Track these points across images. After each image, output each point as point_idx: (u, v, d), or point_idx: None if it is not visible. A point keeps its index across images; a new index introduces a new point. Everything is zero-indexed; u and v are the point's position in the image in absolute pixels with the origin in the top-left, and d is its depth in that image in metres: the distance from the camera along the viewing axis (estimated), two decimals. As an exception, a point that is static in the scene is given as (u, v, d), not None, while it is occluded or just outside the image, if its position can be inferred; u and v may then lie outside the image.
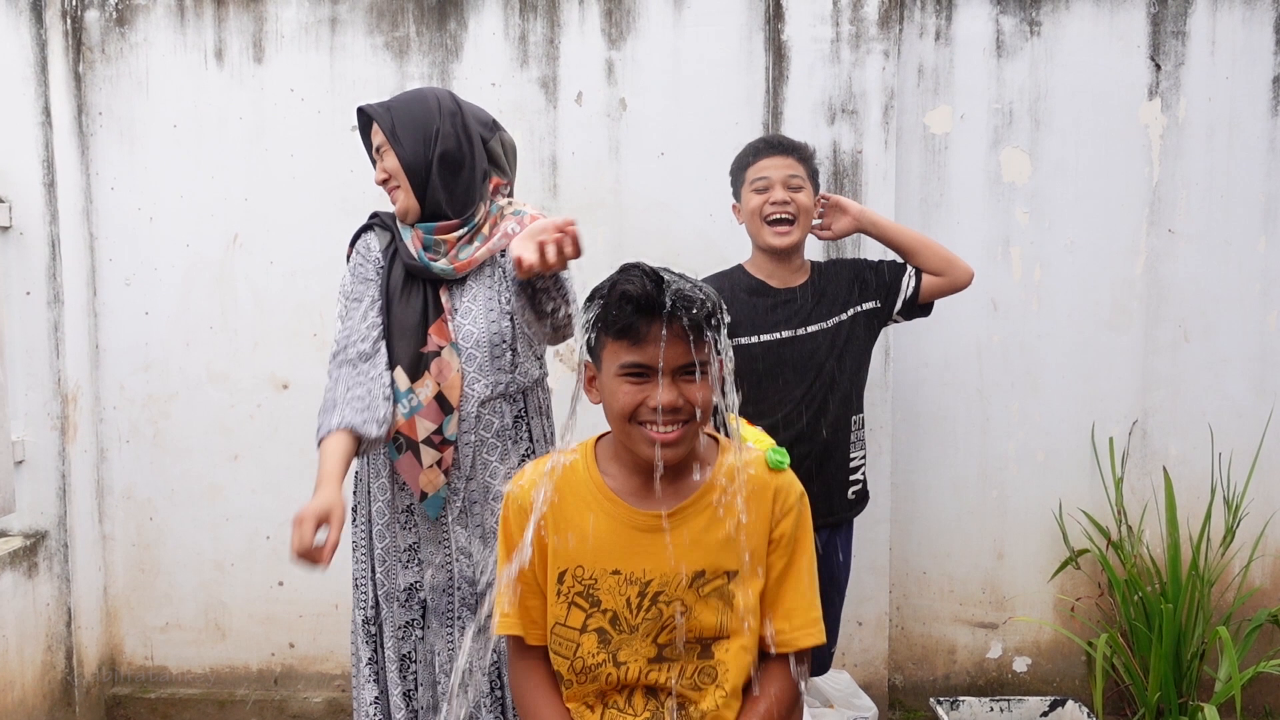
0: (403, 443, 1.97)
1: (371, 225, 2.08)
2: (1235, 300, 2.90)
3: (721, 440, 1.58)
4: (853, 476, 2.39)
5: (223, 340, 3.00)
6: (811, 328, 2.32)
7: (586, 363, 1.51)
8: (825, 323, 2.33)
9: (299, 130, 2.93)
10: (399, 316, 1.98)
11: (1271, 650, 2.76)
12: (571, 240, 1.64)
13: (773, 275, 2.35)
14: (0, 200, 2.80)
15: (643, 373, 1.43)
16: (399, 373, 1.97)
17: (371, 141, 2.02)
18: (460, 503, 2.00)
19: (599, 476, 1.54)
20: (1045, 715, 2.76)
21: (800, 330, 2.31)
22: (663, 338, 1.40)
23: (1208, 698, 2.55)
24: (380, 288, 2.00)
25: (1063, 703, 2.76)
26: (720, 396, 1.46)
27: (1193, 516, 2.84)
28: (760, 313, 2.31)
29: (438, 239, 1.96)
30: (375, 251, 2.04)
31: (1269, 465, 2.89)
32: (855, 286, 2.37)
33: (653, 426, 1.44)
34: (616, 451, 1.55)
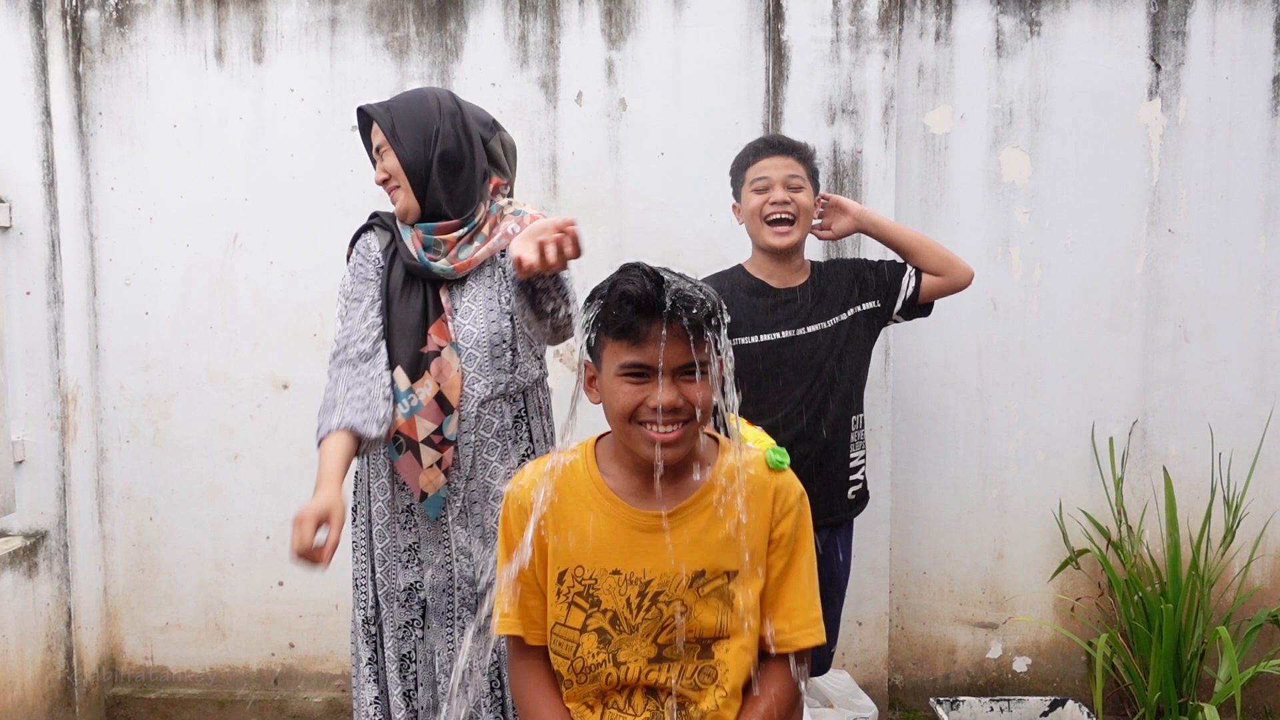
0: (403, 443, 1.96)
1: (371, 225, 2.08)
2: (1235, 300, 2.90)
3: (721, 440, 1.58)
4: (852, 476, 2.39)
5: (223, 340, 3.00)
6: (811, 328, 2.32)
7: (586, 363, 1.51)
8: (825, 323, 2.33)
9: (299, 130, 2.93)
10: (399, 316, 1.98)
11: (1271, 650, 2.76)
12: (571, 240, 1.65)
13: (773, 275, 2.35)
14: (0, 200, 2.80)
15: (643, 373, 1.43)
16: (399, 373, 1.96)
17: (372, 141, 2.02)
18: (460, 502, 2.00)
19: (599, 476, 1.54)
20: (1045, 715, 2.76)
21: (800, 330, 2.31)
22: (663, 338, 1.40)
23: (1208, 698, 2.55)
24: (380, 288, 2.00)
25: (1063, 703, 2.76)
26: (720, 396, 1.46)
27: (1193, 516, 2.84)
28: (760, 313, 2.31)
29: (438, 239, 1.96)
30: (375, 251, 2.04)
31: (1269, 465, 2.89)
32: (855, 287, 2.37)
33: (653, 426, 1.44)
34: (616, 451, 1.55)
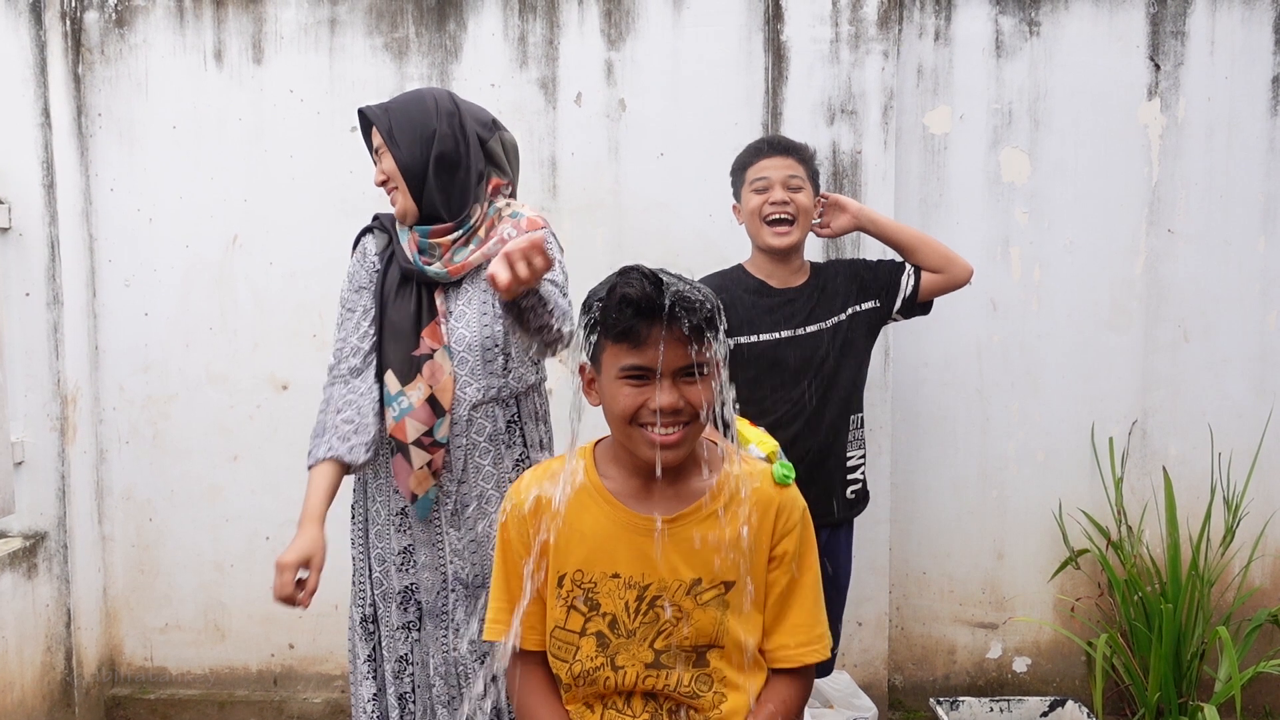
0: (393, 445, 1.97)
1: (371, 228, 2.09)
2: (1235, 300, 2.89)
3: (726, 447, 1.57)
4: (852, 476, 2.39)
5: (222, 341, 3.00)
6: (811, 328, 2.32)
7: (585, 365, 1.51)
8: (825, 323, 2.33)
9: (298, 131, 2.93)
10: (393, 319, 1.98)
11: (1271, 650, 2.76)
12: (537, 250, 1.58)
13: (772, 275, 2.35)
14: (0, 201, 2.80)
15: (643, 375, 1.43)
16: (390, 376, 1.97)
17: (371, 143, 2.02)
18: (452, 505, 2.00)
19: (598, 479, 1.54)
20: (1045, 715, 2.76)
21: (800, 330, 2.31)
22: (662, 340, 1.40)
23: (1208, 698, 2.55)
24: (375, 293, 2.01)
25: (1063, 703, 2.76)
26: (720, 398, 1.45)
27: (1193, 516, 2.84)
28: (760, 312, 2.31)
29: (433, 242, 1.96)
30: (371, 255, 2.04)
31: (1269, 465, 2.89)
32: (854, 286, 2.37)
33: (653, 428, 1.44)
34: (616, 454, 1.54)
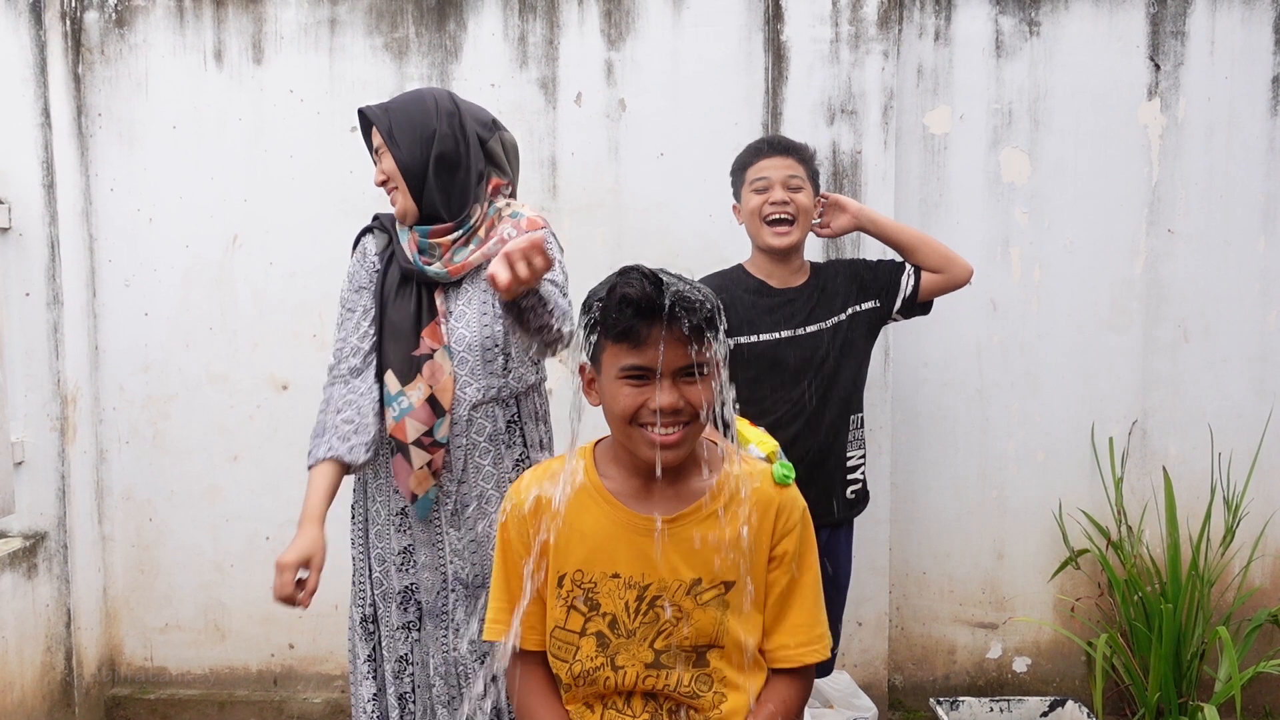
0: (393, 445, 1.97)
1: (371, 228, 2.09)
2: (1235, 300, 2.89)
3: (726, 447, 1.57)
4: (852, 476, 2.39)
5: (222, 341, 3.00)
6: (811, 328, 2.32)
7: (586, 365, 1.51)
8: (824, 323, 2.33)
9: (298, 131, 2.93)
10: (393, 319, 1.98)
11: (1271, 650, 2.76)
12: (537, 249, 1.57)
13: (772, 275, 2.35)
14: (0, 201, 2.80)
15: (643, 375, 1.43)
16: (390, 376, 1.97)
17: (371, 143, 2.02)
18: (452, 505, 2.00)
19: (598, 479, 1.54)
20: (1045, 715, 2.76)
21: (799, 330, 2.31)
22: (662, 340, 1.40)
23: (1208, 698, 2.55)
24: (374, 292, 2.01)
25: (1062, 703, 2.76)
26: (720, 398, 1.45)
27: (1192, 516, 2.84)
28: (760, 312, 2.32)
29: (432, 242, 1.96)
30: (371, 255, 2.04)
31: (1269, 465, 2.89)
32: (854, 286, 2.37)
33: (654, 428, 1.44)
34: (616, 454, 1.54)
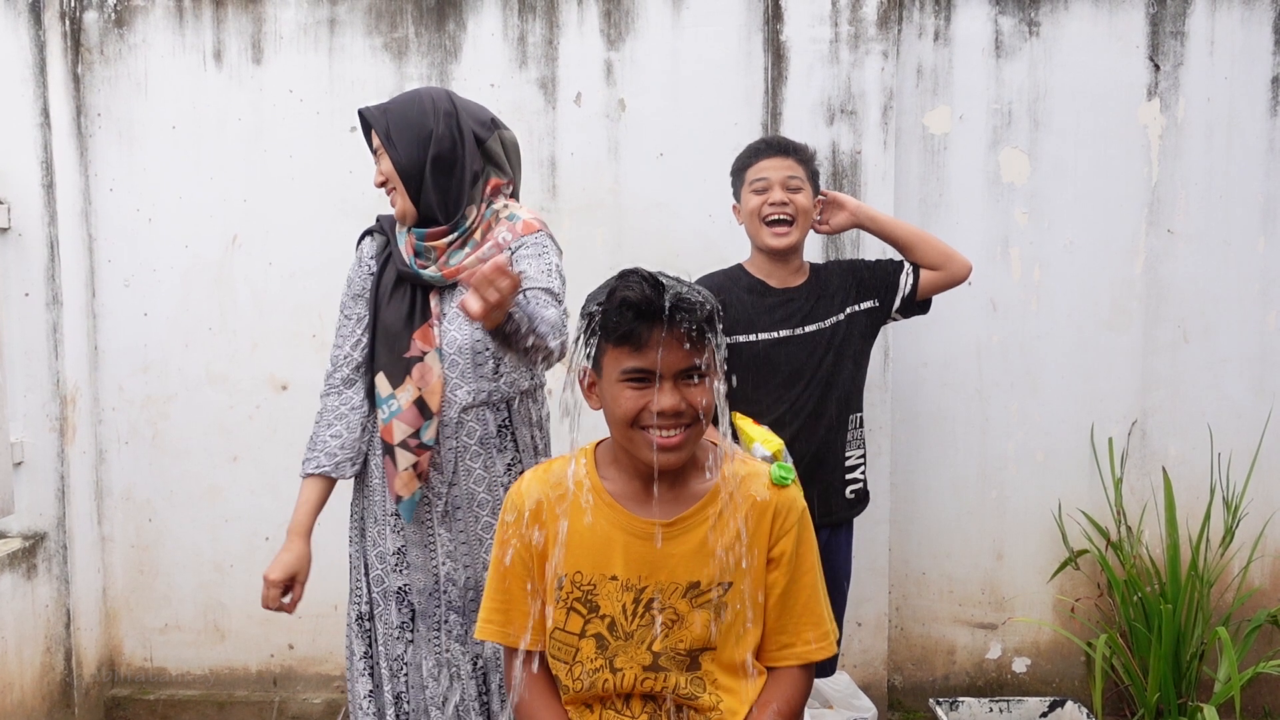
0: (382, 447, 1.98)
1: (371, 230, 2.09)
2: (1235, 300, 2.89)
3: (725, 447, 1.57)
4: (851, 476, 2.39)
5: (222, 341, 3.00)
6: (810, 327, 2.32)
7: (585, 369, 1.51)
8: (824, 322, 2.33)
9: (298, 131, 2.93)
10: (386, 320, 1.98)
11: (1271, 651, 2.76)
12: (499, 272, 1.52)
13: (772, 275, 2.35)
14: (0, 201, 2.81)
15: (644, 378, 1.42)
16: (380, 379, 1.97)
17: (371, 144, 2.02)
18: (443, 506, 2.00)
19: (599, 481, 1.54)
20: (1045, 716, 2.76)
21: (799, 330, 2.31)
22: (663, 342, 1.40)
23: (1207, 698, 2.55)
24: (370, 297, 2.02)
25: (1062, 703, 2.76)
26: (721, 399, 1.45)
27: (1192, 517, 2.84)
28: (759, 312, 2.31)
29: (428, 245, 1.96)
30: (367, 259, 2.06)
31: (1268, 465, 2.89)
32: (853, 286, 2.37)
33: (655, 431, 1.44)
34: (616, 456, 1.54)
